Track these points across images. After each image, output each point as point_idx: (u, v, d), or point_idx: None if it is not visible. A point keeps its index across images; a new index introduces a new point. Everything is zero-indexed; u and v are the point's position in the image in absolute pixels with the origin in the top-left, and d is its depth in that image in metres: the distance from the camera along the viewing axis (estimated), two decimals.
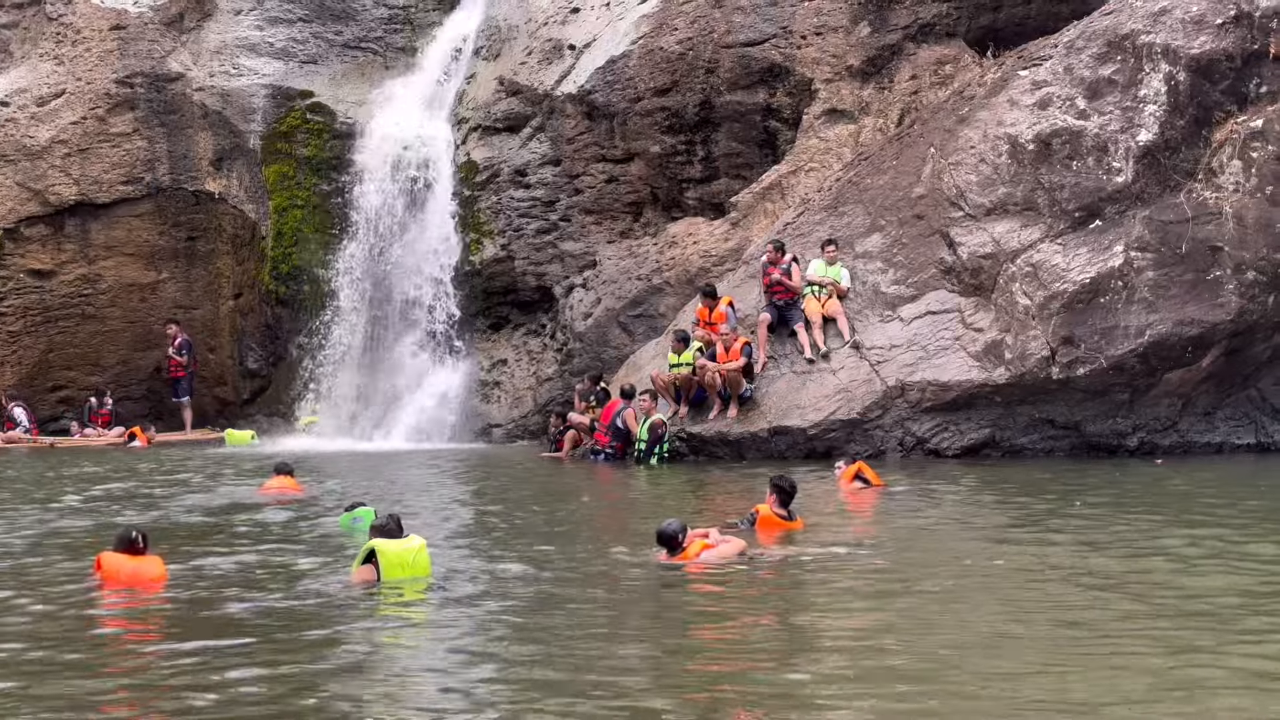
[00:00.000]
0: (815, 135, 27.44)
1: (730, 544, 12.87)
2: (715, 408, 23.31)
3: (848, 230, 24.21)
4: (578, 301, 29.30)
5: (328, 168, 31.07)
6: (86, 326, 32.63)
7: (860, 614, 10.79)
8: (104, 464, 24.92)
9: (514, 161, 29.94)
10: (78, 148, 31.77)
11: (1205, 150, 21.78)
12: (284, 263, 31.26)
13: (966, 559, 13.08)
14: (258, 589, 12.25)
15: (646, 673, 8.93)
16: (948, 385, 21.91)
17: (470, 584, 12.29)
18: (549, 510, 17.87)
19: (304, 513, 17.67)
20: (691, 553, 12.62)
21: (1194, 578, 11.63)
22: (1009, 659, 9.07)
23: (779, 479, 15.04)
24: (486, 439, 29.42)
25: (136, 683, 8.97)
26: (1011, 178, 22.44)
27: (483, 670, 9.09)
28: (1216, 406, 22.30)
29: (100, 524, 16.24)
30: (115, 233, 32.22)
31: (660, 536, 12.79)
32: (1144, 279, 21.36)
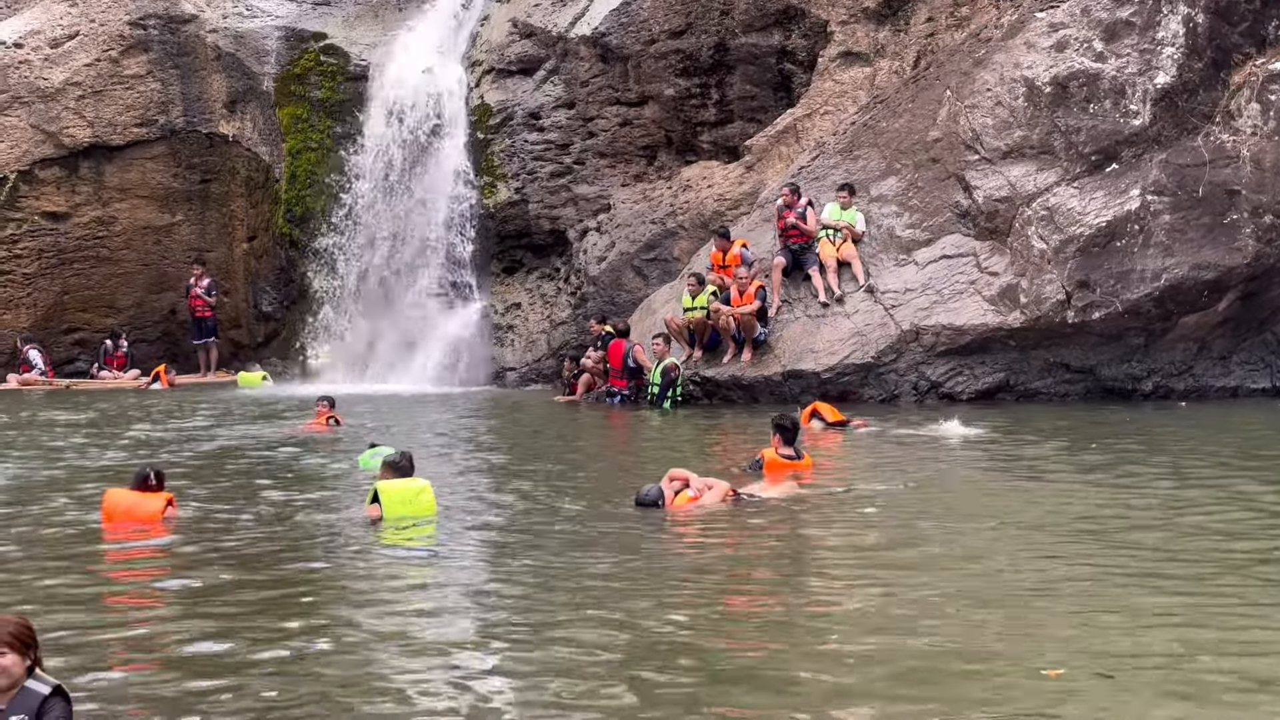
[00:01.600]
0: (830, 78, 27.30)
1: (714, 490, 12.80)
2: (729, 351, 23.30)
3: (863, 174, 24.12)
4: (591, 245, 29.24)
5: (341, 110, 30.98)
6: (101, 269, 32.67)
7: (847, 556, 10.81)
8: (125, 405, 25.04)
9: (528, 104, 29.82)
10: (91, 90, 31.72)
11: (1223, 93, 21.66)
12: (297, 205, 31.23)
13: (969, 501, 13.10)
14: (264, 525, 12.34)
15: (646, 597, 8.98)
16: (962, 329, 21.87)
17: (469, 522, 12.44)
18: (558, 453, 17.92)
19: (327, 451, 17.83)
20: (678, 503, 12.60)
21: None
22: (993, 605, 9.09)
23: (780, 418, 15.04)
24: (500, 383, 29.43)
25: (140, 618, 9.02)
26: (1028, 121, 22.33)
27: (482, 605, 9.15)
28: (1232, 350, 22.25)
29: (125, 463, 16.34)
30: (129, 175, 32.22)
31: (639, 503, 12.71)
32: (1160, 223, 21.27)
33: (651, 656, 7.82)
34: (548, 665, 7.65)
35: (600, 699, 7.06)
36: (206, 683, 7.43)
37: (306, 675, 7.59)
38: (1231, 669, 7.36)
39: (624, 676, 7.44)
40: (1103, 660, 7.51)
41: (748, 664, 7.77)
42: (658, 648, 8.00)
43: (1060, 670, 7.34)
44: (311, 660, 7.90)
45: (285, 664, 7.82)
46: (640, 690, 7.20)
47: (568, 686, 7.26)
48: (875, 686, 7.21)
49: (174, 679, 7.54)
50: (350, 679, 7.48)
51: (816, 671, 7.52)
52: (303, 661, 7.87)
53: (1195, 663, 7.49)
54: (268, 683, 7.43)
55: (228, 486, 14.73)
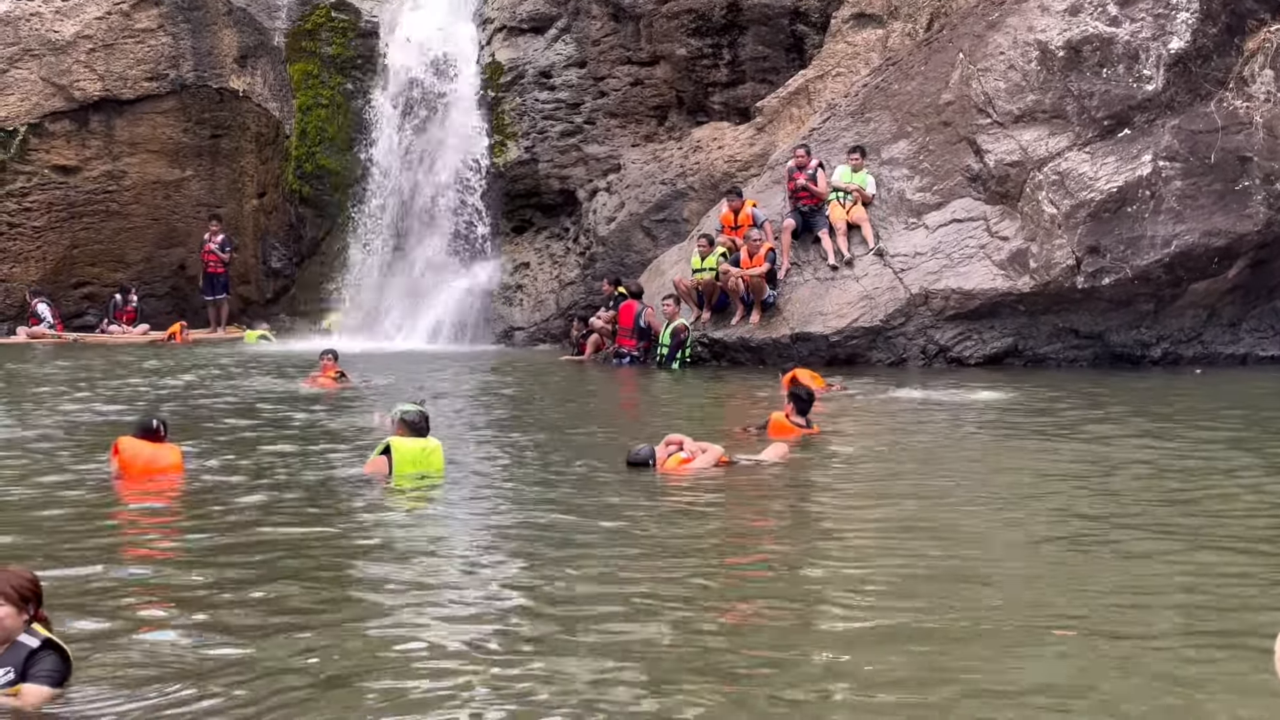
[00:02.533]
0: (843, 40, 27.19)
1: (707, 454, 12.74)
2: (737, 313, 23.29)
3: (874, 136, 24.05)
4: (601, 205, 29.20)
5: (352, 67, 30.92)
6: (110, 223, 32.64)
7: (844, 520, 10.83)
8: (136, 359, 25.12)
9: (539, 63, 29.74)
10: (102, 43, 31.65)
11: (1237, 59, 21.56)
12: (308, 162, 31.20)
13: (961, 466, 13.11)
14: (270, 479, 12.38)
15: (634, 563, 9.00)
16: (971, 293, 21.83)
17: (474, 481, 12.48)
18: (564, 412, 17.93)
19: (335, 407, 17.86)
20: (669, 466, 12.55)
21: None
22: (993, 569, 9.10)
23: (797, 388, 15.05)
24: (508, 342, 29.44)
25: (147, 571, 9.04)
26: (1040, 85, 22.24)
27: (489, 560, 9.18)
28: (1241, 318, 22.21)
29: (126, 415, 16.36)
30: (140, 129, 32.17)
31: (630, 463, 12.71)
32: (1172, 189, 21.20)
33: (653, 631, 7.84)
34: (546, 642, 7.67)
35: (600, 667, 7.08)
36: (214, 651, 7.45)
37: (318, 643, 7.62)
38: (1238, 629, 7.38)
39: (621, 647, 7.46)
40: (1112, 622, 7.52)
41: (741, 632, 7.80)
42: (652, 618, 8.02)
43: (1070, 630, 7.35)
44: (320, 629, 7.92)
45: (295, 628, 7.85)
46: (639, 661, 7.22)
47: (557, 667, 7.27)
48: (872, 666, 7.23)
49: (185, 637, 7.55)
50: (356, 649, 7.50)
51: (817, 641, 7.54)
52: (312, 628, 7.89)
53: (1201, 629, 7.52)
54: (279, 648, 7.46)
55: (229, 441, 14.75)
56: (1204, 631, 7.45)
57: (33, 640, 6.29)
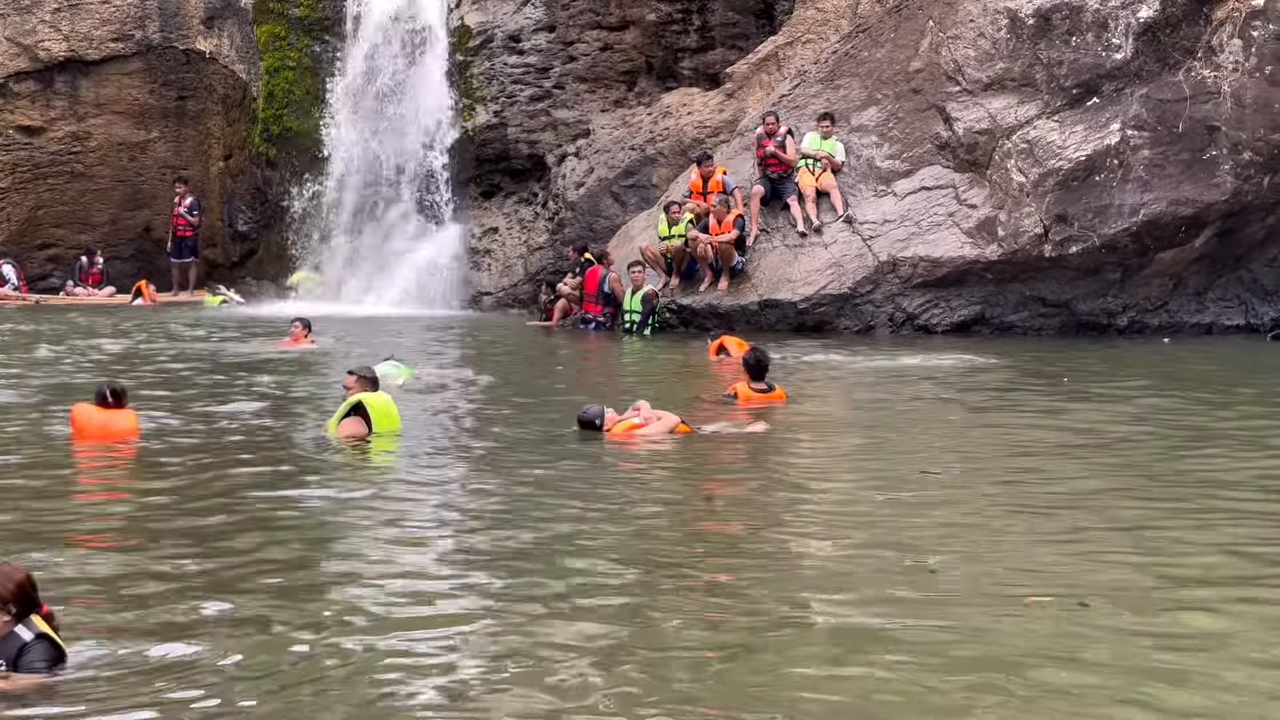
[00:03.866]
0: (813, 6, 27.13)
1: (662, 420, 12.67)
2: (706, 279, 23.27)
3: (843, 103, 24.03)
4: (570, 170, 29.11)
5: (320, 29, 30.68)
6: (75, 184, 32.45)
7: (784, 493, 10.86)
8: (106, 320, 25.04)
9: (508, 27, 29.58)
10: (68, 3, 31.42)
11: (1205, 28, 21.58)
12: (275, 124, 30.98)
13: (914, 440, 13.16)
14: (245, 444, 12.33)
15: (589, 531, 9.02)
16: (939, 261, 21.86)
17: (437, 443, 12.55)
18: (528, 376, 17.93)
19: (301, 368, 17.84)
20: (618, 431, 12.48)
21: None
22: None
23: (747, 355, 15.07)
24: (476, 307, 29.36)
25: (113, 525, 9.02)
26: (1010, 53, 22.24)
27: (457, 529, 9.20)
28: (1207, 287, 22.30)
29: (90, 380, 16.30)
30: (105, 90, 31.96)
31: (580, 422, 12.69)
32: (1140, 158, 21.26)
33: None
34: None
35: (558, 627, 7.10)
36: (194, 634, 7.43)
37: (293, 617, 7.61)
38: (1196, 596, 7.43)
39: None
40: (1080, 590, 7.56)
41: (703, 585, 7.82)
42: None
43: (1042, 599, 7.36)
44: (299, 592, 7.91)
45: (274, 600, 7.83)
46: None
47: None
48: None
49: (165, 616, 7.54)
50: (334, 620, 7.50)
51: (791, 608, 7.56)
52: (290, 598, 7.88)
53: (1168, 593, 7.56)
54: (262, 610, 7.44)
55: (190, 405, 14.69)
56: (1174, 597, 7.50)
57: (27, 633, 6.32)
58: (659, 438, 12.44)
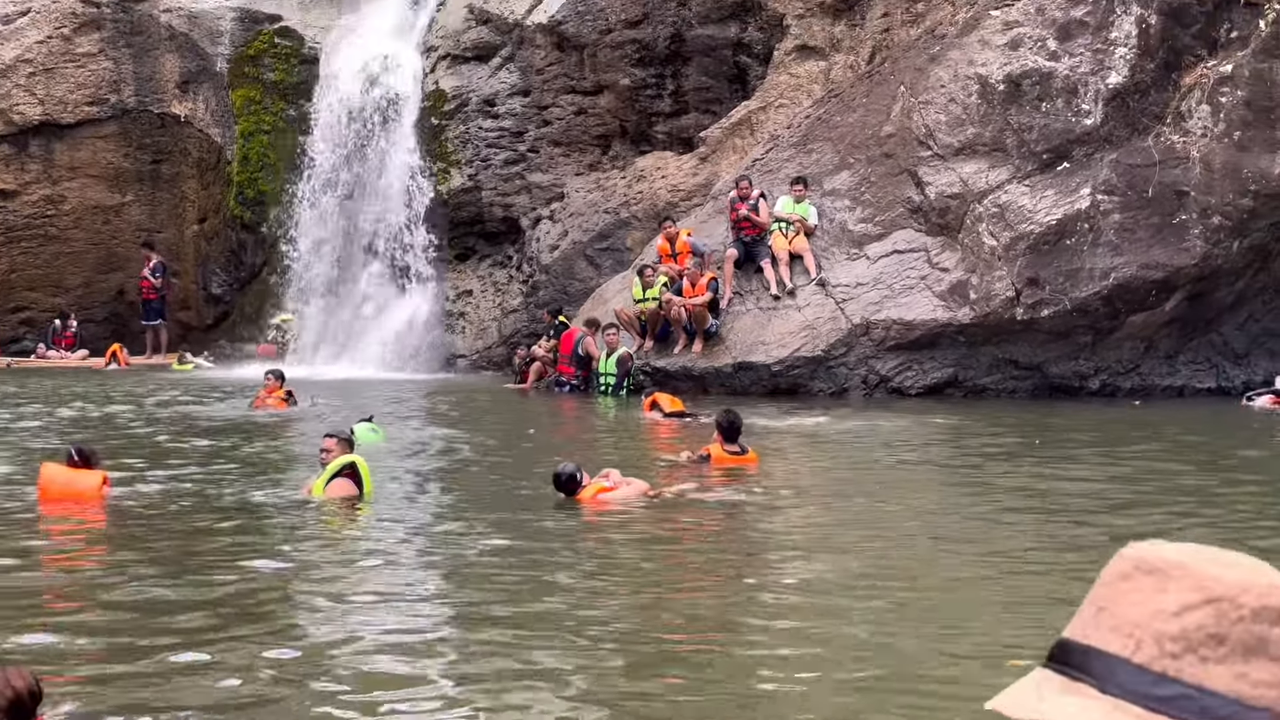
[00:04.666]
0: (786, 71, 27.33)
1: (632, 486, 12.60)
2: (680, 342, 23.32)
3: (816, 167, 24.17)
4: (544, 233, 29.20)
5: (295, 93, 30.80)
6: (50, 247, 32.39)
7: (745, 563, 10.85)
8: (79, 383, 24.96)
9: (483, 91, 29.73)
10: (43, 67, 31.43)
11: (1174, 94, 21.80)
12: (249, 188, 31.04)
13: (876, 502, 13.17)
14: (216, 507, 12.29)
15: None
16: (912, 324, 21.95)
17: (405, 505, 12.66)
18: (502, 440, 17.91)
19: (279, 430, 17.81)
20: (587, 495, 12.37)
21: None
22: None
23: (721, 417, 15.05)
24: (451, 369, 29.36)
25: (79, 585, 8.97)
26: (981, 118, 22.42)
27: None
28: (1178, 350, 22.42)
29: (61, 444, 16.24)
30: (80, 154, 31.95)
31: (556, 480, 12.49)
32: (1110, 222, 21.41)
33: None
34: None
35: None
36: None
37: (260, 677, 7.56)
38: None
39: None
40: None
41: (676, 656, 7.80)
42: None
43: (1022, 661, 7.34)
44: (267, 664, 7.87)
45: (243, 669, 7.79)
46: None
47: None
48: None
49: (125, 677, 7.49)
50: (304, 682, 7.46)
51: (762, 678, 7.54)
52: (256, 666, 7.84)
53: None
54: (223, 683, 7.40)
55: (172, 465, 14.65)
56: None
57: None
58: (630, 502, 12.40)
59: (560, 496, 12.42)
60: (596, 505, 12.22)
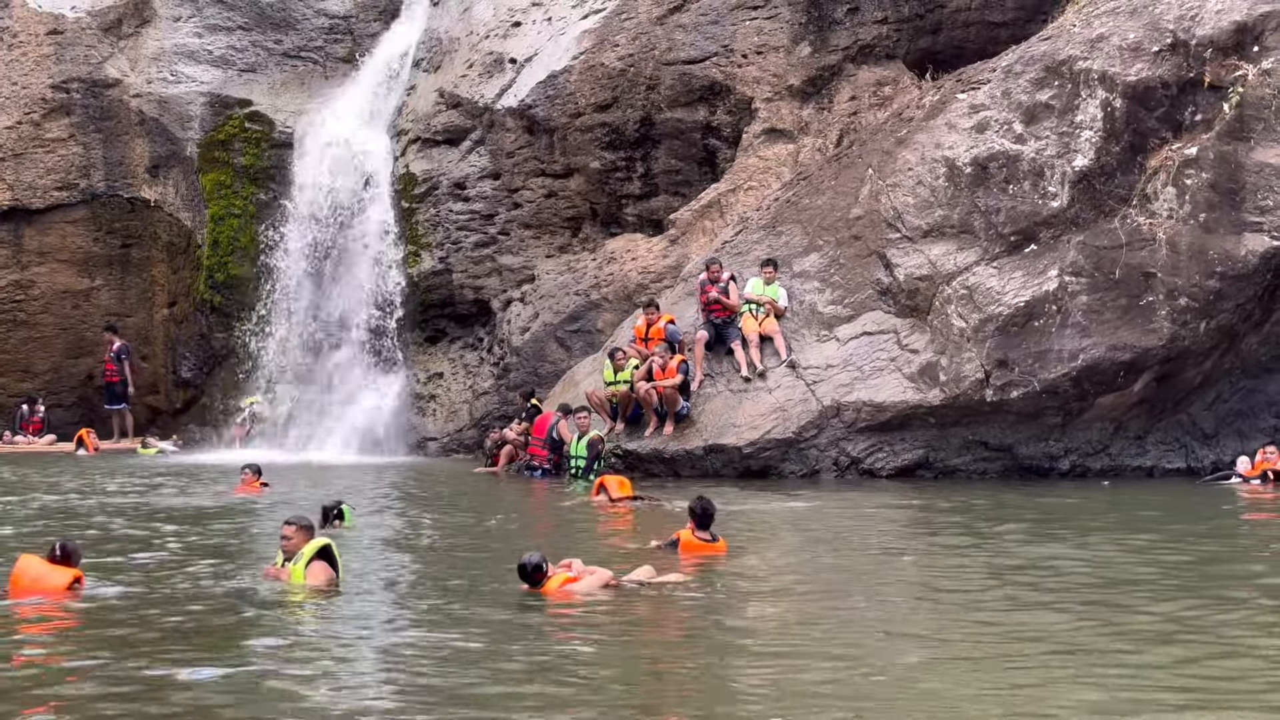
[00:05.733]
0: (755, 154, 27.50)
1: (595, 576, 12.48)
2: (651, 424, 23.29)
3: (785, 249, 24.26)
4: (515, 316, 29.22)
5: (265, 177, 30.86)
6: (18, 332, 32.31)
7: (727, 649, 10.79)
8: (50, 470, 24.81)
9: (453, 174, 29.83)
10: (12, 152, 31.46)
11: (1140, 176, 21.98)
12: (219, 271, 31.02)
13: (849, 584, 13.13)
14: (165, 597, 12.17)
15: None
16: (883, 406, 21.98)
17: (375, 593, 12.58)
18: (471, 526, 17.83)
19: (249, 516, 17.73)
20: (552, 586, 12.24)
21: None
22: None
23: (695, 503, 14.96)
24: (422, 452, 29.28)
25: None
26: (948, 200, 22.57)
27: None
28: (1148, 430, 22.49)
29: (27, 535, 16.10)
30: (49, 239, 31.93)
31: (521, 571, 12.34)
32: (1078, 303, 21.52)
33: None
34: None
35: None
36: None
37: None
38: None
39: None
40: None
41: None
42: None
43: None
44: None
45: None
46: None
47: None
48: None
49: None
50: None
51: None
52: None
53: None
54: None
55: (142, 554, 14.52)
56: None
57: None
58: (593, 592, 12.30)
59: (525, 587, 12.31)
60: (561, 597, 12.13)
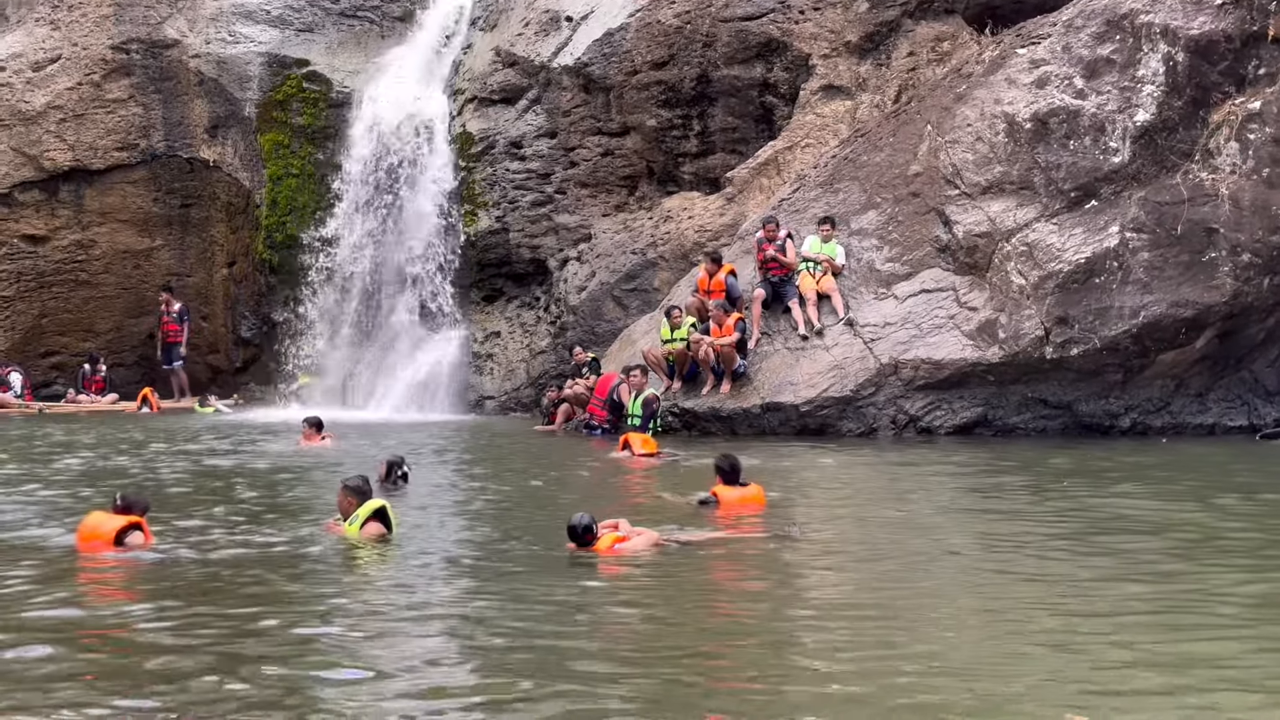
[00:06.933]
0: (812, 111, 27.36)
1: (642, 536, 12.46)
2: (708, 383, 23.27)
3: (843, 207, 24.16)
4: (572, 275, 29.25)
5: (323, 137, 30.96)
6: (80, 292, 32.60)
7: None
8: (115, 428, 25.07)
9: (509, 133, 29.85)
10: (73, 113, 31.68)
11: (1202, 131, 21.74)
12: (278, 231, 31.18)
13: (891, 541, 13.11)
14: (226, 549, 12.30)
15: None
16: (941, 364, 21.88)
17: (427, 548, 12.70)
18: (526, 482, 17.88)
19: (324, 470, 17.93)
20: (602, 545, 12.25)
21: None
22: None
23: (721, 461, 15.05)
24: (479, 411, 29.39)
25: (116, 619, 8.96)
26: (1008, 157, 22.39)
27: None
28: (1209, 388, 22.30)
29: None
30: (109, 199, 32.17)
31: (571, 532, 12.34)
32: (1139, 260, 21.33)
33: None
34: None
35: None
36: None
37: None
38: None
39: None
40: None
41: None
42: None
43: (1083, 717, 7.21)
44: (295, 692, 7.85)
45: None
46: None
47: None
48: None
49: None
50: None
51: None
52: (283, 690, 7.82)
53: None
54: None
55: (194, 513, 14.66)
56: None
57: None
58: (642, 551, 12.29)
59: (573, 546, 12.33)
60: (611, 556, 12.18)
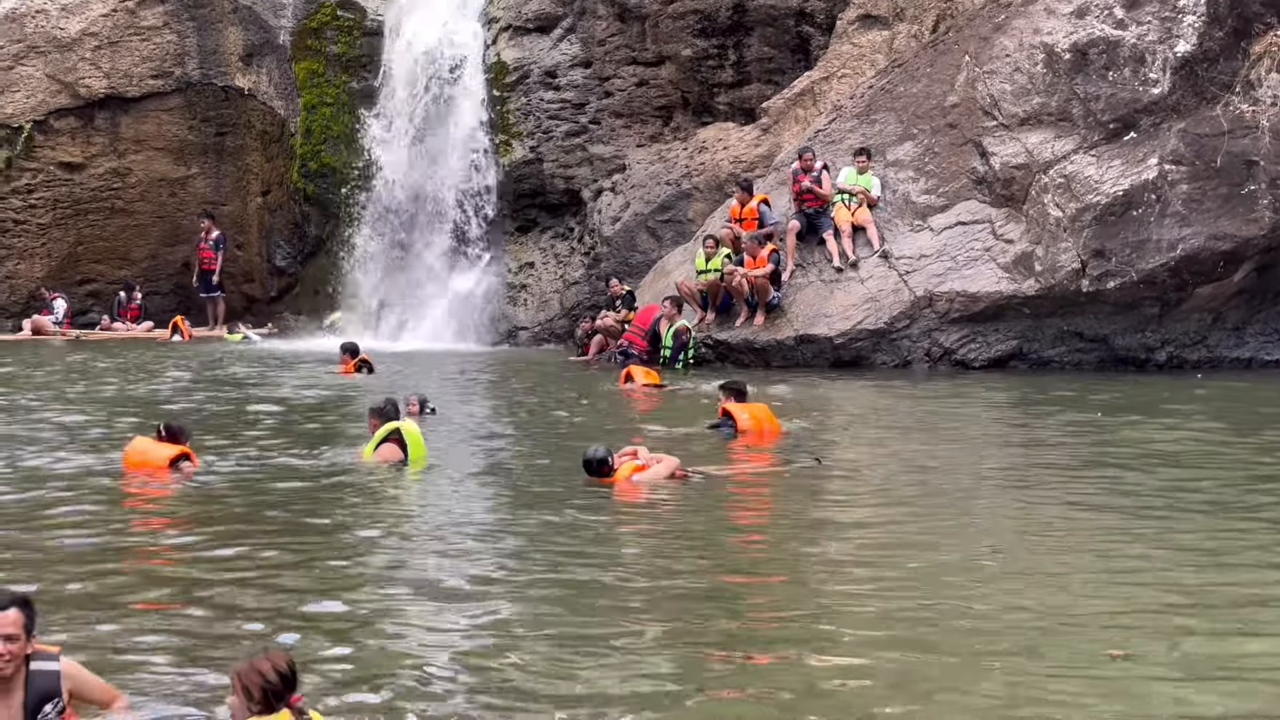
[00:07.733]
0: (849, 41, 27.15)
1: (662, 464, 12.43)
2: (742, 314, 23.24)
3: (879, 138, 24.00)
4: (606, 205, 29.17)
5: (357, 65, 30.89)
6: (115, 220, 32.66)
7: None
8: (151, 356, 25.22)
9: (544, 63, 29.71)
10: (108, 40, 31.65)
11: (1243, 63, 21.50)
12: (313, 160, 31.18)
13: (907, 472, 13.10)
14: (272, 479, 12.39)
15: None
16: (976, 296, 21.79)
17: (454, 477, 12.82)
18: (559, 410, 17.94)
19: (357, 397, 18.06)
20: (621, 475, 12.24)
21: None
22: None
23: (730, 384, 15.85)
24: (513, 342, 29.42)
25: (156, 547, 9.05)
26: (1046, 87, 22.19)
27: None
28: (1246, 322, 22.15)
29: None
30: (145, 127, 32.18)
31: (586, 466, 12.35)
32: (1177, 192, 21.16)
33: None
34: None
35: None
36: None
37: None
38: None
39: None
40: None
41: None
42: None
43: (1121, 651, 7.17)
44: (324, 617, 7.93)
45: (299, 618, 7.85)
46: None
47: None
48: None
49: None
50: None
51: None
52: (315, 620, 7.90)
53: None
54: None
55: (236, 438, 14.76)
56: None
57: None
58: (662, 481, 12.25)
59: (594, 476, 12.32)
60: (628, 488, 12.13)
